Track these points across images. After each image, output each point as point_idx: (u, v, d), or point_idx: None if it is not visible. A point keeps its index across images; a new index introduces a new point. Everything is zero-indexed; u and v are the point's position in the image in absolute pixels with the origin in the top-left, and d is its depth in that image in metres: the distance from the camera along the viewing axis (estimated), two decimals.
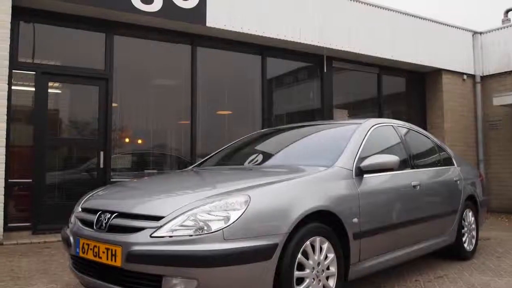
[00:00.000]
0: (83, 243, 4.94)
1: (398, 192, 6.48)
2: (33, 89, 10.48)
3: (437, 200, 7.51)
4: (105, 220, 4.81)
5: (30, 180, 10.36)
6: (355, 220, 5.45)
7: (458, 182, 8.07)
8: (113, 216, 4.79)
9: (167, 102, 12.53)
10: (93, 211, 5.14)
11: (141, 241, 4.39)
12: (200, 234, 4.28)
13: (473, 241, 8.43)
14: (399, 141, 7.21)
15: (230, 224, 4.33)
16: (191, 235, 4.30)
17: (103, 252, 4.65)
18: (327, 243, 5.10)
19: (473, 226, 8.48)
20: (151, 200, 5.01)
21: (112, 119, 11.33)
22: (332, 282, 5.16)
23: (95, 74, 11.22)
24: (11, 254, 8.36)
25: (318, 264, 5.00)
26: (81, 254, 4.98)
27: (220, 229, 4.29)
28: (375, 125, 6.83)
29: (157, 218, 4.47)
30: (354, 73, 15.85)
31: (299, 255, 4.78)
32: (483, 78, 17.53)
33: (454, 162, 8.51)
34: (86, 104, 11.49)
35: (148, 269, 4.35)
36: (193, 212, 4.40)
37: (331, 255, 5.15)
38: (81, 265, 5.13)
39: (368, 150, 6.21)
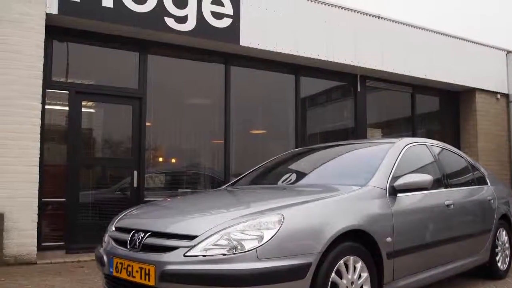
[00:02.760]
0: (117, 262, 4.95)
1: (432, 211, 6.41)
2: (67, 108, 10.54)
3: (470, 219, 7.41)
4: (138, 239, 4.82)
5: (64, 199, 10.35)
6: (389, 239, 5.40)
7: (492, 201, 7.95)
8: (146, 235, 4.80)
9: (200, 121, 12.48)
10: (126, 230, 5.16)
11: (174, 260, 4.39)
12: (234, 254, 4.27)
13: (507, 260, 8.26)
14: (432, 160, 7.15)
15: (264, 243, 4.31)
16: (225, 254, 4.29)
17: (137, 272, 4.66)
18: (360, 262, 5.05)
19: (507, 245, 8.32)
20: (184, 219, 5.02)
21: (145, 138, 11.34)
22: None
23: (129, 93, 11.24)
24: (44, 273, 8.35)
25: (352, 283, 4.94)
26: (114, 273, 4.98)
27: (254, 248, 4.28)
28: (409, 144, 6.78)
29: (191, 237, 4.47)
30: (388, 92, 15.81)
31: (333, 274, 4.73)
32: None
33: (488, 181, 8.39)
34: (119, 123, 11.52)
35: None
36: (226, 231, 4.39)
37: (365, 274, 5.10)
38: (115, 285, 5.14)
39: (401, 169, 6.16)
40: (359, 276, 5.05)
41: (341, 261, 4.84)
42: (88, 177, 10.84)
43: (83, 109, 10.74)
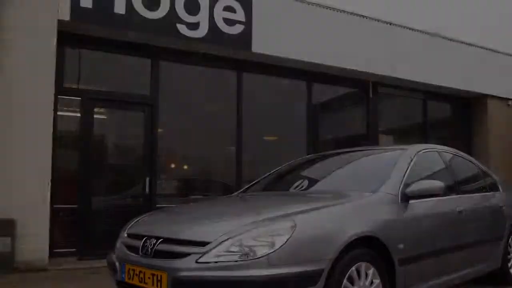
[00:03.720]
0: (129, 269, 4.97)
1: (444, 217, 6.39)
2: (79, 114, 10.57)
3: (482, 226, 7.35)
4: (150, 246, 4.82)
5: (75, 206, 10.38)
6: (401, 246, 5.37)
7: (504, 208, 7.92)
8: (158, 241, 4.81)
9: (212, 128, 12.43)
10: (139, 237, 5.17)
11: (186, 267, 4.39)
12: (246, 260, 4.27)
13: None
14: (444, 167, 7.13)
15: (276, 250, 4.31)
16: (237, 261, 4.29)
17: (149, 278, 4.67)
18: (372, 268, 5.04)
19: None
20: (196, 225, 5.02)
21: (158, 145, 11.31)
22: None
23: (141, 100, 11.25)
24: (56, 280, 8.36)
25: None
26: (126, 280, 5.01)
27: (266, 255, 4.28)
28: (420, 151, 6.75)
29: (203, 244, 4.47)
30: (400, 98, 15.85)
31: (345, 281, 4.72)
32: None
33: (500, 188, 8.34)
34: (131, 130, 11.54)
35: None
36: (238, 238, 4.39)
37: (377, 281, 5.09)
38: None
39: (413, 175, 6.12)
40: (371, 283, 5.04)
41: (353, 268, 4.83)
42: (100, 183, 10.78)
43: (95, 116, 10.75)
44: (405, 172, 6.09)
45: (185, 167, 12.50)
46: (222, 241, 4.40)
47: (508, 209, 8.00)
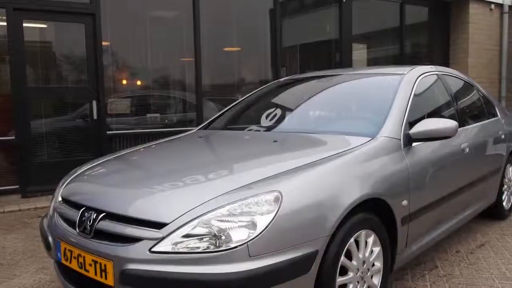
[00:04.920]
0: (65, 248, 3.87)
1: (448, 159, 5.40)
2: (5, 29, 9.27)
3: (484, 161, 6.50)
4: (89, 222, 3.68)
5: (13, 138, 9.38)
6: (405, 202, 4.41)
7: (503, 136, 7.08)
8: (100, 216, 3.67)
9: (166, 38, 11.41)
10: (76, 205, 4.03)
11: (137, 257, 3.31)
12: (218, 250, 3.20)
13: (511, 198, 7.65)
14: (446, 95, 6.07)
15: (257, 236, 3.23)
16: (205, 250, 3.22)
17: (90, 265, 3.59)
18: (373, 235, 4.08)
19: None
20: (149, 195, 3.79)
21: (103, 61, 10.20)
22: (377, 280, 4.19)
23: (79, 9, 9.93)
24: None
25: (363, 263, 3.99)
26: (63, 261, 3.92)
27: (244, 243, 3.20)
28: (420, 75, 5.63)
29: (159, 225, 3.35)
30: (375, 1, 14.88)
31: (342, 258, 3.73)
32: (511, 7, 16.61)
33: (498, 113, 7.47)
34: (72, 45, 10.25)
35: None
36: (206, 218, 3.29)
37: (377, 249, 4.15)
38: (67, 273, 4.05)
39: (415, 110, 5.09)
40: (371, 252, 4.09)
41: (352, 240, 3.82)
42: (39, 110, 9.72)
43: (26, 31, 9.45)
44: (407, 106, 5.00)
45: (138, 82, 11.43)
46: (184, 223, 3.30)
47: (506, 138, 7.22)
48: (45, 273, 5.58)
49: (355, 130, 4.79)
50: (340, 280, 3.73)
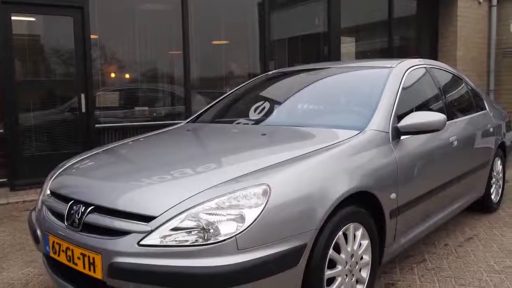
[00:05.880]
0: (53, 242, 3.87)
1: (437, 152, 5.43)
2: None
3: (473, 154, 6.55)
4: (78, 215, 3.68)
5: (2, 131, 9.38)
6: (393, 195, 4.43)
7: (491, 129, 7.13)
8: (88, 209, 3.66)
9: (155, 31, 11.45)
10: (64, 198, 4.03)
11: (126, 250, 3.31)
12: (206, 244, 3.21)
13: (500, 191, 7.78)
14: (434, 88, 6.08)
15: (246, 229, 3.24)
16: (194, 244, 3.23)
17: (79, 258, 3.59)
18: (361, 228, 4.09)
19: (501, 175, 7.76)
20: (138, 188, 3.79)
21: (91, 54, 10.19)
22: (365, 273, 4.22)
23: (67, 2, 9.87)
24: None
25: (352, 256, 4.00)
26: (51, 255, 3.92)
27: (233, 236, 3.21)
28: (409, 68, 5.64)
29: (147, 219, 3.36)
30: None
31: (331, 251, 3.74)
32: (499, 1, 16.61)
33: (486, 106, 7.51)
34: (60, 38, 10.22)
35: None
36: (194, 211, 3.30)
37: (365, 242, 4.16)
38: (56, 267, 4.06)
39: (404, 103, 5.11)
40: (359, 245, 4.10)
41: (340, 232, 3.84)
42: (28, 104, 9.69)
43: (14, 24, 9.42)
44: (395, 100, 5.01)
45: (127, 76, 11.44)
46: (173, 216, 3.30)
47: (494, 131, 7.27)
48: (34, 267, 5.57)
49: (343, 123, 4.79)
50: (328, 273, 3.75)
